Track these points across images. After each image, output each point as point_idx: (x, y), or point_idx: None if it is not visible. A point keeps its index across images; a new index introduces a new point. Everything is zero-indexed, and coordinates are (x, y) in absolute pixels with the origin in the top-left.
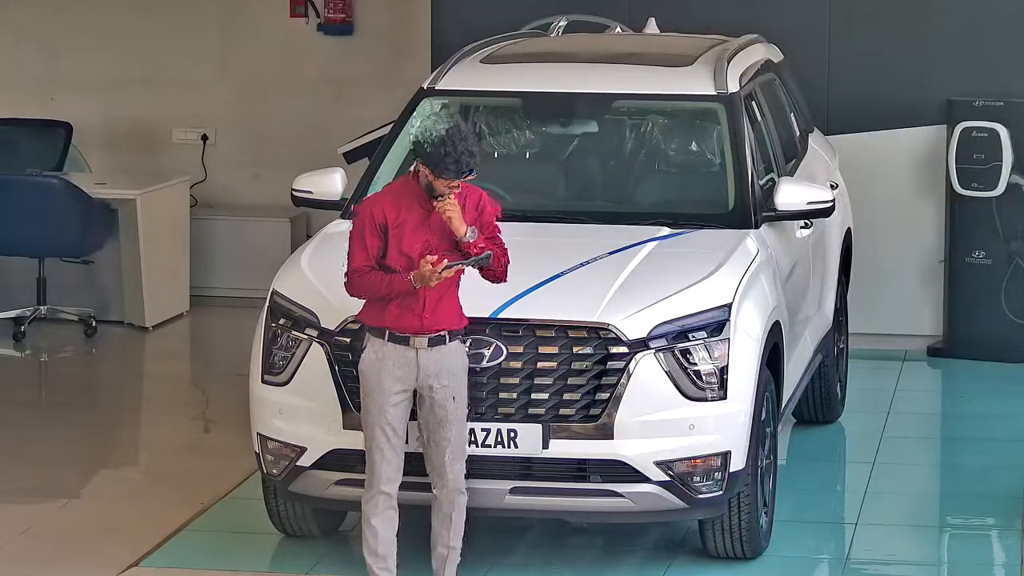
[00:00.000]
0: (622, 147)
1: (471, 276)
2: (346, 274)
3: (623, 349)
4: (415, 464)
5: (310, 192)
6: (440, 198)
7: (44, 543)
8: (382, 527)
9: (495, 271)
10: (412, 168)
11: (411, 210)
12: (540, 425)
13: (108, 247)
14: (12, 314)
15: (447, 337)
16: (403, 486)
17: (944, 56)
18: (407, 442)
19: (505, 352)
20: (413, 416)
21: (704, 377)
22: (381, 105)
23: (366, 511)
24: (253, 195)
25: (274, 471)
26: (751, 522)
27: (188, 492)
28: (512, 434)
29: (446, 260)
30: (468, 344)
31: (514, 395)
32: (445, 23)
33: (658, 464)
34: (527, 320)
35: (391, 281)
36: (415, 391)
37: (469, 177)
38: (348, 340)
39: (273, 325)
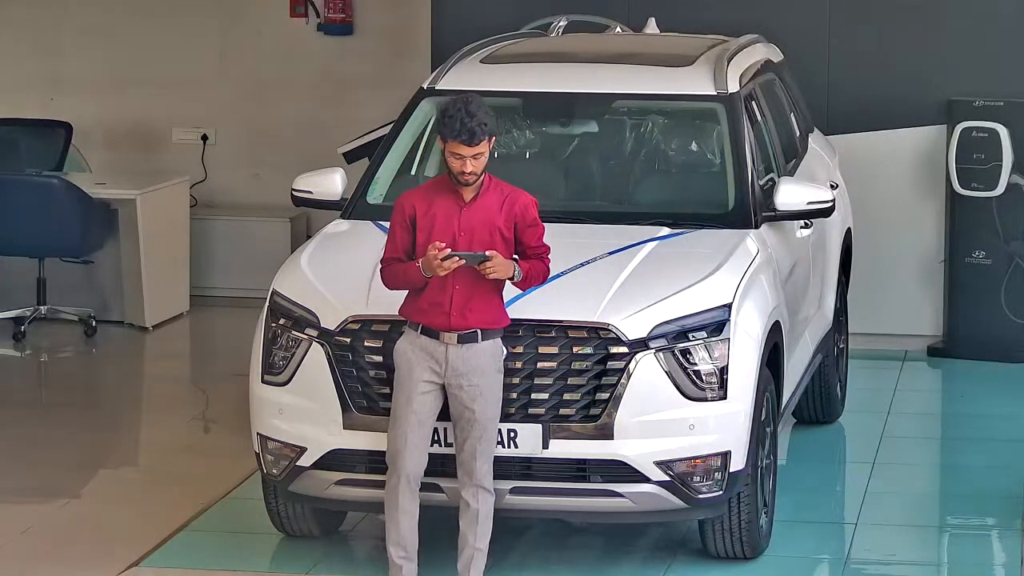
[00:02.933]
0: (622, 147)
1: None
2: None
3: (623, 349)
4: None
5: (310, 192)
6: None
7: (44, 543)
8: (404, 518)
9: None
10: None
11: (443, 203)
12: (540, 425)
13: (108, 247)
14: (12, 314)
15: (479, 336)
16: (423, 487)
17: (944, 56)
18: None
19: (505, 352)
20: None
21: (704, 377)
22: (381, 105)
23: (388, 501)
24: (253, 195)
25: (274, 471)
26: (751, 522)
27: (188, 492)
28: (512, 434)
29: (449, 250)
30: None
31: (514, 395)
32: (445, 23)
33: (658, 464)
34: (527, 320)
35: (406, 270)
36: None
37: (476, 148)
38: (348, 340)
39: (273, 325)
